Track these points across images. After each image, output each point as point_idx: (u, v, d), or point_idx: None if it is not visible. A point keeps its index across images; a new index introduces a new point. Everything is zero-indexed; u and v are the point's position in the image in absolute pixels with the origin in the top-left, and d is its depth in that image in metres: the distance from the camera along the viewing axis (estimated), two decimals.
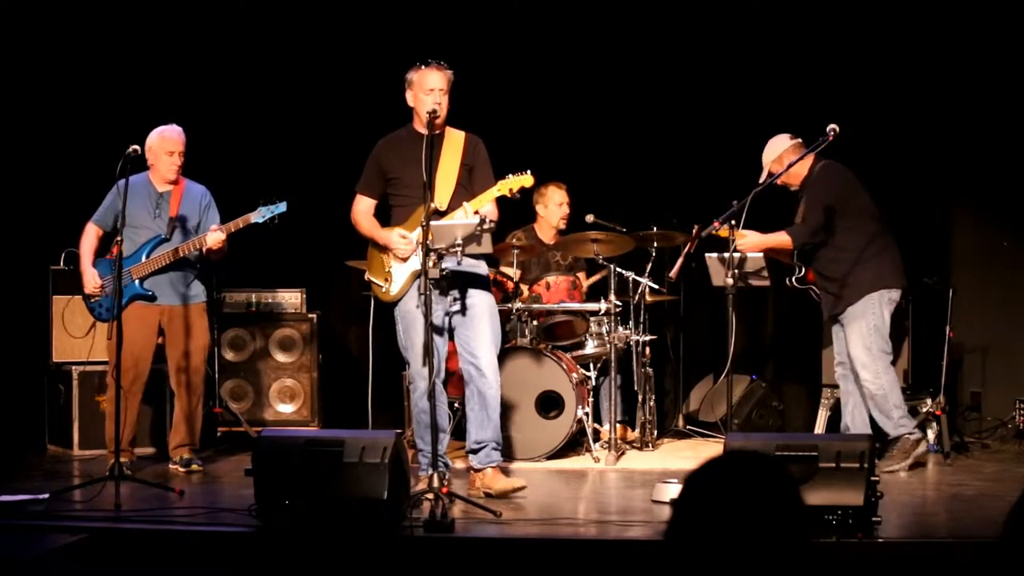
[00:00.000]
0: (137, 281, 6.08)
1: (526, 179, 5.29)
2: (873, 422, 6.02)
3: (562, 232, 7.24)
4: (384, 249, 5.47)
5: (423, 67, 5.36)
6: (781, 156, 6.03)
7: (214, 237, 5.99)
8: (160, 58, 7.60)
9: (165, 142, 6.13)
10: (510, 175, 5.30)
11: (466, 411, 5.51)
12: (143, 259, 6.08)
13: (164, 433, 6.54)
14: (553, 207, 7.26)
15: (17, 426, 7.24)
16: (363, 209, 5.53)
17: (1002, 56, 7.21)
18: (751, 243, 5.94)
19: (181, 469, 6.13)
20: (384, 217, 5.56)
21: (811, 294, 6.30)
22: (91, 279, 6.17)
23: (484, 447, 5.41)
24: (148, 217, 6.15)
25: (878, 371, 5.93)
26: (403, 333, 5.44)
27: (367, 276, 5.64)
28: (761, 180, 5.95)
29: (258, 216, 6.05)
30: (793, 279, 6.27)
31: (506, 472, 5.55)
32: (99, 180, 6.08)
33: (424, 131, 5.25)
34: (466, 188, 5.39)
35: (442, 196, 5.33)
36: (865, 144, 6.81)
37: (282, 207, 6.06)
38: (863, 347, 5.94)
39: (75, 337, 6.93)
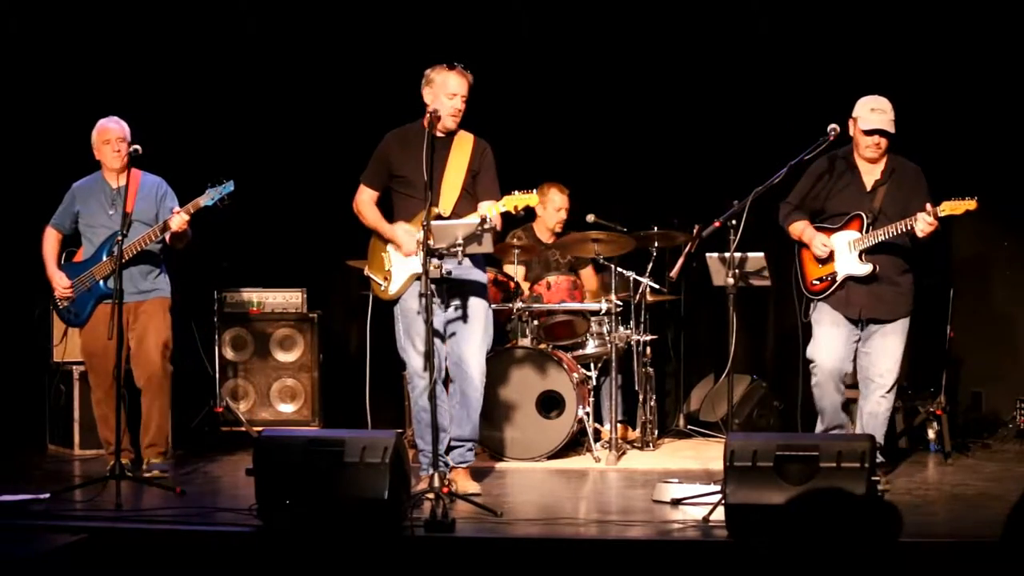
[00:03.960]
0: (101, 281, 5.98)
1: (531, 198, 5.28)
2: None
3: (558, 234, 7.24)
4: (386, 246, 5.45)
5: (448, 69, 5.33)
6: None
7: (178, 219, 5.84)
8: (159, 58, 7.59)
9: (101, 133, 6.05)
10: (516, 192, 5.27)
11: (448, 406, 5.53)
12: (103, 258, 5.97)
13: (137, 435, 6.22)
14: (552, 210, 7.25)
15: (17, 426, 7.25)
16: (366, 200, 5.50)
17: (1002, 55, 7.21)
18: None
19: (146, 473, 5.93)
20: (386, 211, 5.53)
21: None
22: (59, 282, 6.07)
23: (460, 447, 5.48)
24: (103, 215, 6.05)
25: (894, 391, 5.62)
26: (403, 332, 5.43)
27: (366, 271, 5.62)
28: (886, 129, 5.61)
29: (207, 199, 5.87)
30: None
31: (474, 475, 5.62)
32: None
33: (436, 132, 5.27)
34: (471, 194, 5.38)
35: (447, 201, 5.31)
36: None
37: (230, 186, 5.86)
38: (897, 362, 5.54)
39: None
